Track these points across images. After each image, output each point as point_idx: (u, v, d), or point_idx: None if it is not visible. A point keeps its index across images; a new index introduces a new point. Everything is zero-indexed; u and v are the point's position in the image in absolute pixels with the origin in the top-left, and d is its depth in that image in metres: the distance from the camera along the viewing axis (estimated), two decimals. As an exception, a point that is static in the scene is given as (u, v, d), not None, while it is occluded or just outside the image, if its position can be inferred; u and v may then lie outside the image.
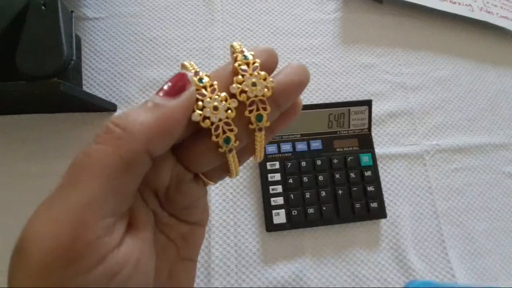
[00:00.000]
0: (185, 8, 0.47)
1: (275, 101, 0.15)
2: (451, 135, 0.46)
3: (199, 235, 0.20)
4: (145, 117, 0.14)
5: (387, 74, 0.47)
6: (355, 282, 0.37)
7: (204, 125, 0.15)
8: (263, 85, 0.15)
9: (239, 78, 0.15)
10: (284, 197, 0.38)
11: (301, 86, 0.16)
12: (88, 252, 0.12)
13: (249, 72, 0.15)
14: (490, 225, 0.42)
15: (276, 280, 0.36)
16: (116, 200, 0.13)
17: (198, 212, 0.19)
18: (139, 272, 0.14)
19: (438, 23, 0.51)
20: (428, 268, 0.39)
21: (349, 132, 0.41)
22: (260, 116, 0.15)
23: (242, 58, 0.15)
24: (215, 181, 0.18)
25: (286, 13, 0.48)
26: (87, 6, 0.45)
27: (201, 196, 0.18)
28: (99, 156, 0.13)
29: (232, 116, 0.15)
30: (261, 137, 0.16)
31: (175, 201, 0.17)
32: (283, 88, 0.15)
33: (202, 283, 0.36)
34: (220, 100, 0.15)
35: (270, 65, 0.16)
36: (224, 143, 0.15)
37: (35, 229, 0.12)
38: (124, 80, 0.42)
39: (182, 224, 0.18)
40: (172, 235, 0.18)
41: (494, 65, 0.51)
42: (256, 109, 0.15)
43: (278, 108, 0.16)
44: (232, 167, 0.17)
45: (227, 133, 0.15)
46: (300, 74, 0.16)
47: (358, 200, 0.39)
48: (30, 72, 0.30)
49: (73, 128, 0.39)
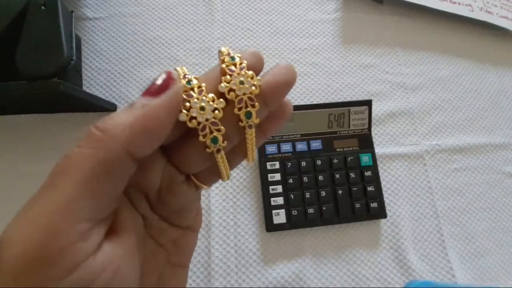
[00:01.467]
0: (185, 8, 0.47)
1: (263, 100, 0.16)
2: (451, 135, 0.46)
3: (191, 241, 0.19)
4: (125, 117, 0.13)
5: (387, 74, 0.47)
6: (355, 282, 0.37)
7: (191, 125, 0.15)
8: (250, 83, 0.15)
9: (227, 77, 0.15)
10: (284, 197, 0.38)
11: (288, 85, 0.16)
12: (59, 258, 0.12)
13: (237, 72, 0.15)
14: (490, 225, 0.42)
15: (276, 280, 0.36)
16: (95, 204, 0.13)
17: (191, 216, 0.19)
18: (118, 280, 0.13)
19: (438, 23, 0.51)
20: (428, 268, 0.39)
21: (349, 132, 0.41)
22: (249, 113, 0.15)
23: (229, 59, 0.16)
24: (208, 185, 0.18)
25: (286, 13, 0.48)
26: (87, 6, 0.45)
27: (194, 200, 0.18)
28: (78, 159, 0.13)
29: (219, 116, 0.15)
30: (252, 134, 0.16)
31: (166, 203, 0.17)
32: (271, 87, 0.16)
33: (202, 283, 0.36)
34: (207, 101, 0.15)
35: (256, 67, 0.16)
36: (211, 143, 0.15)
37: (10, 232, 0.12)
38: (124, 80, 0.42)
39: (173, 229, 0.18)
40: (162, 240, 0.17)
41: (494, 65, 0.51)
42: (245, 106, 0.15)
43: (266, 107, 0.16)
44: (222, 168, 0.17)
45: (214, 133, 0.15)
46: (287, 74, 0.16)
47: (358, 200, 0.39)
48: (30, 72, 0.30)
49: (73, 128, 0.39)
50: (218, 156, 0.16)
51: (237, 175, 0.40)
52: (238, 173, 0.40)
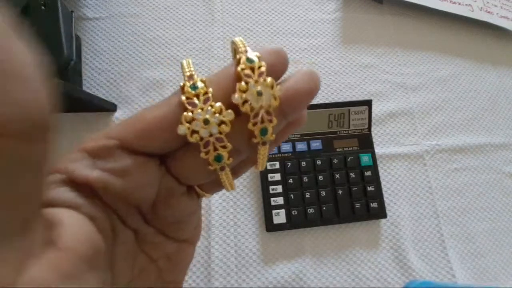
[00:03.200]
0: (185, 8, 0.47)
1: (282, 111, 0.13)
2: (451, 135, 0.46)
3: (188, 255, 0.18)
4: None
5: (387, 74, 0.47)
6: (355, 282, 0.37)
7: (192, 140, 0.13)
8: (269, 95, 0.13)
9: (242, 85, 0.13)
10: (284, 197, 0.38)
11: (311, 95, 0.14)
12: None
13: (254, 79, 0.13)
14: (490, 225, 0.42)
15: (276, 280, 0.36)
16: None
17: (190, 228, 0.17)
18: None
19: (438, 23, 0.51)
20: (428, 268, 0.39)
21: (349, 132, 0.41)
22: (265, 130, 0.13)
23: (246, 61, 0.13)
24: (211, 193, 0.16)
25: (286, 13, 0.48)
26: (87, 6, 0.45)
27: (195, 210, 0.16)
28: None
29: (226, 130, 0.13)
30: (265, 150, 0.14)
31: (163, 216, 0.15)
32: (292, 97, 0.13)
33: (202, 283, 0.36)
34: (213, 112, 0.13)
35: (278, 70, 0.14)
36: (214, 161, 0.13)
37: None
38: (124, 80, 0.42)
39: (169, 242, 0.16)
40: (155, 254, 0.16)
41: (494, 65, 0.51)
42: (261, 122, 0.13)
43: (285, 119, 0.14)
44: (226, 184, 0.15)
45: (219, 150, 0.13)
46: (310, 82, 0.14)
47: (358, 200, 0.39)
48: (30, 72, 0.30)
49: (73, 128, 0.39)
50: (222, 174, 0.14)
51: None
52: (238, 173, 0.40)
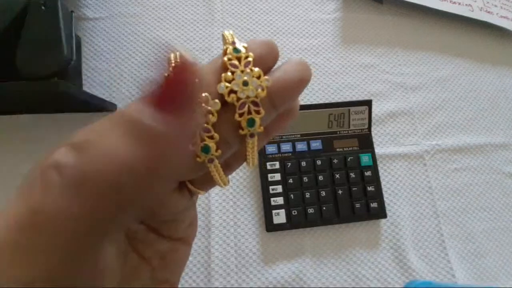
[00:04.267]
0: (185, 8, 0.47)
1: (272, 102, 0.13)
2: (451, 135, 0.46)
3: (183, 255, 0.17)
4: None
5: (387, 74, 0.47)
6: (355, 282, 0.37)
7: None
8: (256, 85, 0.13)
9: (228, 75, 0.13)
10: (284, 197, 0.38)
11: (302, 85, 0.14)
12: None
13: (240, 69, 0.13)
14: (490, 225, 0.42)
15: (276, 280, 0.36)
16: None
17: (183, 226, 0.16)
18: None
19: (438, 23, 0.51)
20: (428, 268, 0.39)
21: (349, 132, 0.41)
22: (252, 121, 0.13)
23: (232, 51, 0.13)
24: (205, 190, 0.16)
25: (286, 13, 0.48)
26: (87, 6, 0.45)
27: (188, 208, 0.16)
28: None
29: (212, 120, 0.13)
30: (253, 143, 0.14)
31: (155, 213, 0.15)
32: (281, 87, 0.13)
33: (202, 283, 0.36)
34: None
35: (268, 61, 0.14)
36: (202, 153, 0.13)
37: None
38: (124, 80, 0.42)
39: (162, 241, 0.16)
40: (147, 253, 0.15)
41: (494, 65, 0.51)
42: (248, 113, 0.13)
43: (275, 110, 0.14)
44: (216, 178, 0.14)
45: (206, 141, 0.13)
46: (300, 70, 0.14)
47: (358, 200, 0.39)
48: (30, 72, 0.30)
49: (73, 128, 0.39)
50: (211, 166, 0.13)
51: (237, 175, 0.40)
52: (238, 173, 0.40)
